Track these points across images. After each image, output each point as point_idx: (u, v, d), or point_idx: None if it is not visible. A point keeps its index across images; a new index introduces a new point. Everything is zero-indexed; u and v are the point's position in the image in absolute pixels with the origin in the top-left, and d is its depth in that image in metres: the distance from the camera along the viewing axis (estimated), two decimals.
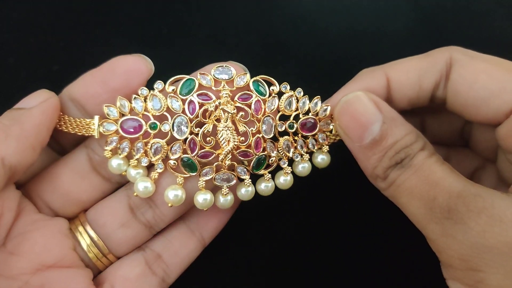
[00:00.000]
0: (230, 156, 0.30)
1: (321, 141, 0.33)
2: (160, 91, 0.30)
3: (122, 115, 0.30)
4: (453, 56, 0.29)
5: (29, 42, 0.41)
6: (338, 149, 0.33)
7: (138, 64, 0.30)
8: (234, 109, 0.29)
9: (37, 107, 0.29)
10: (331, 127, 0.33)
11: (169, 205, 0.31)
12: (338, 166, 0.33)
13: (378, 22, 0.40)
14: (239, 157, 0.30)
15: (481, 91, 0.28)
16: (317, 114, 0.32)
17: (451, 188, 0.26)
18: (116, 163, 0.31)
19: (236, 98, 0.30)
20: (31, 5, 0.40)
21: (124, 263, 0.33)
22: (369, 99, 0.29)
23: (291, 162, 0.33)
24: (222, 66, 0.30)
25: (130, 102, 0.30)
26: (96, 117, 0.30)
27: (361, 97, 0.29)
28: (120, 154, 0.30)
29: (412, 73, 0.31)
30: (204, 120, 0.30)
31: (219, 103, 0.29)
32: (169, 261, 0.34)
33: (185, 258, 0.34)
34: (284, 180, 0.32)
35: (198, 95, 0.30)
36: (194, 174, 0.30)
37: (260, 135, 0.30)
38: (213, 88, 0.30)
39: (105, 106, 0.30)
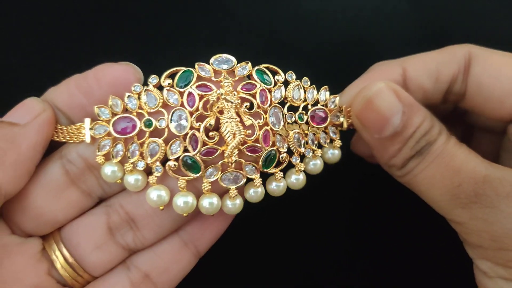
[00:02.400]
0: (237, 152, 0.27)
1: (331, 134, 0.30)
2: (155, 86, 0.27)
3: (115, 115, 0.27)
4: (472, 51, 0.30)
5: (31, 42, 0.40)
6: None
7: (125, 74, 0.27)
8: (238, 99, 0.27)
9: (33, 125, 0.27)
10: (341, 119, 0.30)
11: (184, 215, 0.27)
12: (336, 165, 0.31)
13: (381, 22, 0.41)
14: (247, 152, 0.27)
15: (507, 83, 0.28)
16: (326, 106, 0.30)
17: (475, 173, 0.26)
18: (109, 170, 0.27)
19: (239, 88, 0.27)
20: (33, 4, 0.40)
21: (106, 286, 0.29)
22: (390, 89, 0.28)
23: (302, 158, 0.30)
24: (221, 56, 0.28)
25: (123, 101, 0.27)
26: (87, 120, 0.27)
27: (383, 89, 0.28)
28: (113, 159, 0.27)
29: (430, 64, 0.30)
30: (205, 113, 0.27)
31: (221, 93, 0.27)
32: (159, 280, 0.30)
33: (177, 275, 0.30)
34: (296, 179, 0.29)
35: (197, 86, 0.27)
36: (197, 175, 0.27)
37: (268, 127, 0.28)
38: (213, 79, 0.27)
39: (96, 107, 0.27)
